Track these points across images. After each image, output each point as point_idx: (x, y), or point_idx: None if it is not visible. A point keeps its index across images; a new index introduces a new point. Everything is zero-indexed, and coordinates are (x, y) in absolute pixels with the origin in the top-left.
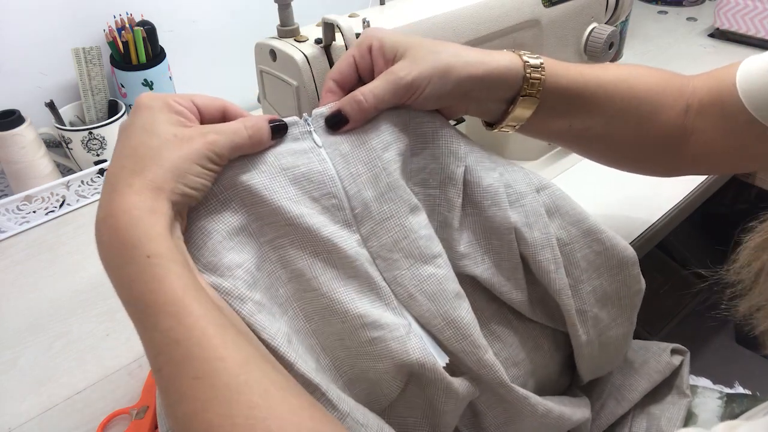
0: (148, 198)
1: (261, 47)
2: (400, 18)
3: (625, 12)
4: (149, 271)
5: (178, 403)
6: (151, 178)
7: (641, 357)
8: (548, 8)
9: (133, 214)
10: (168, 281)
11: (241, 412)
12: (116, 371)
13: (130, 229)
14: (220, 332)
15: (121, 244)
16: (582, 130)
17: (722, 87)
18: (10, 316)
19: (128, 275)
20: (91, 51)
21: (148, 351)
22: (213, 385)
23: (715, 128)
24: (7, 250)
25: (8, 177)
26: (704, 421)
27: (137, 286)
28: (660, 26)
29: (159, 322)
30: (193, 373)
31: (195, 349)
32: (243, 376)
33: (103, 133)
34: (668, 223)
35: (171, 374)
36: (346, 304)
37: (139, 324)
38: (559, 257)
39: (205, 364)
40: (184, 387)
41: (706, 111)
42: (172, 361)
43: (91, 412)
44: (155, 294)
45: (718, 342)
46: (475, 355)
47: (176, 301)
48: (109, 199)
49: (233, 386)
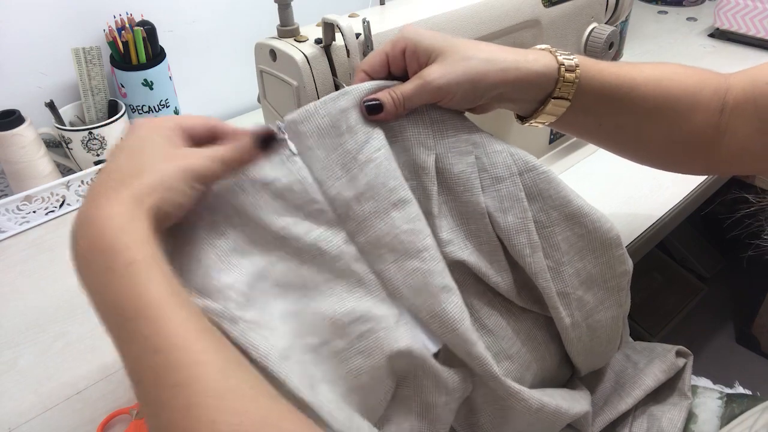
0: (129, 208)
1: (261, 47)
2: (400, 18)
3: (625, 12)
4: (129, 279)
5: (160, 412)
6: (132, 190)
7: (646, 357)
8: (548, 8)
9: (114, 221)
10: (148, 288)
11: (224, 419)
12: (116, 371)
13: (111, 236)
14: (201, 337)
15: (99, 251)
16: (613, 128)
17: (756, 86)
18: (10, 316)
19: (106, 283)
20: (91, 51)
21: (126, 364)
22: (195, 391)
23: (750, 127)
24: (7, 250)
25: (8, 177)
26: (704, 421)
27: (115, 295)
28: (660, 26)
29: (138, 329)
30: (173, 380)
31: (174, 354)
32: (224, 381)
33: (103, 133)
34: (668, 223)
35: (150, 383)
36: (334, 305)
37: (117, 335)
38: (536, 241)
39: (185, 371)
40: (165, 395)
41: (741, 110)
42: (151, 370)
43: (91, 412)
44: (134, 301)
45: (718, 342)
46: (463, 348)
47: (156, 307)
48: (87, 209)
49: (214, 392)
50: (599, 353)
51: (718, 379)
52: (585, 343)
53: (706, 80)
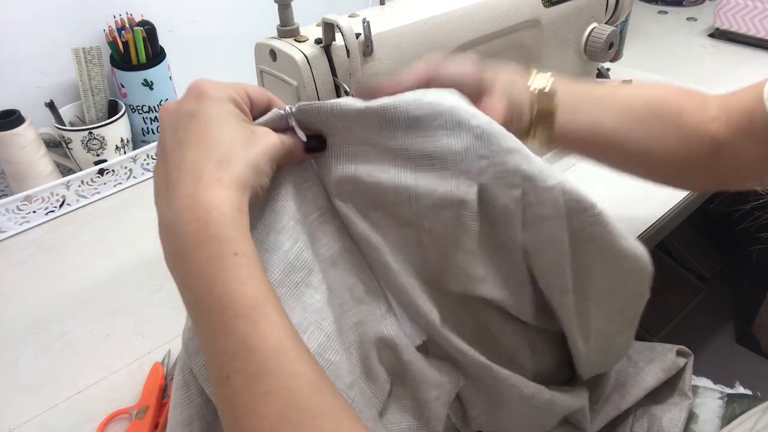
0: (236, 195)
1: (261, 47)
2: (400, 18)
3: (625, 12)
4: (234, 272)
5: (246, 417)
6: (238, 174)
7: (647, 356)
8: (548, 8)
9: (224, 210)
10: (250, 285)
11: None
12: (116, 371)
13: (222, 224)
14: (296, 346)
15: (208, 238)
16: (609, 140)
17: (750, 101)
18: (10, 316)
19: (209, 272)
20: (91, 51)
21: (215, 356)
22: (285, 404)
23: (747, 140)
24: (7, 250)
25: (8, 177)
26: (705, 421)
27: (217, 285)
28: (660, 26)
29: (236, 326)
30: (265, 387)
31: (270, 361)
32: (316, 397)
33: (103, 133)
34: (668, 223)
35: (241, 386)
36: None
37: (207, 324)
38: (568, 286)
39: (279, 380)
40: (254, 402)
41: (736, 123)
42: (244, 371)
43: (91, 412)
44: (236, 297)
45: (718, 342)
46: (449, 341)
47: (257, 307)
48: (195, 188)
49: (306, 408)
50: (607, 365)
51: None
52: (595, 362)
53: (687, 90)
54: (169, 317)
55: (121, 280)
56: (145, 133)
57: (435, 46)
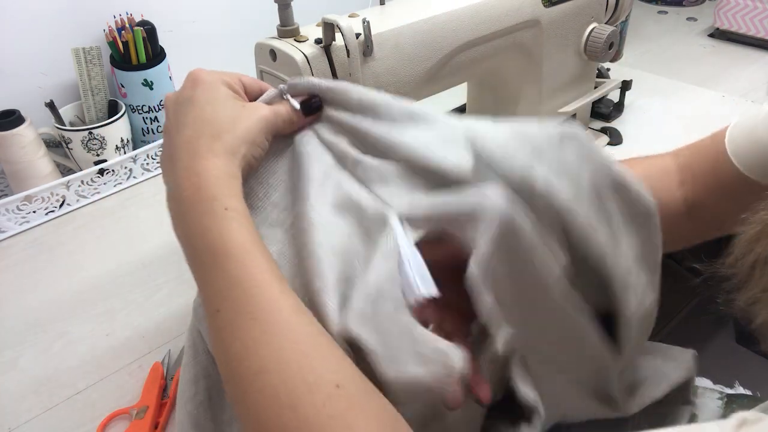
0: (227, 162)
1: (261, 47)
2: (400, 18)
3: (625, 12)
4: (224, 223)
5: (231, 341)
6: (228, 143)
7: (662, 356)
8: (548, 8)
9: (217, 173)
10: (239, 233)
11: (291, 355)
12: (116, 371)
13: (213, 185)
14: (278, 282)
15: (201, 198)
16: None
17: (712, 158)
18: (10, 316)
19: (203, 224)
20: (91, 51)
21: (207, 293)
22: (268, 326)
23: (717, 196)
24: (7, 250)
25: (8, 177)
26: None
27: (210, 234)
28: (660, 26)
29: (225, 265)
30: (250, 313)
31: (255, 290)
32: (295, 321)
33: (103, 133)
34: None
35: (228, 313)
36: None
37: (202, 269)
38: (596, 213)
39: (263, 305)
40: (240, 327)
41: (703, 182)
42: (231, 299)
43: (91, 412)
44: (226, 242)
45: (718, 342)
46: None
47: (244, 251)
48: (191, 160)
49: (286, 330)
50: (638, 346)
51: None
52: (636, 334)
53: (646, 164)
54: (169, 317)
55: (121, 280)
56: (145, 133)
57: (435, 46)
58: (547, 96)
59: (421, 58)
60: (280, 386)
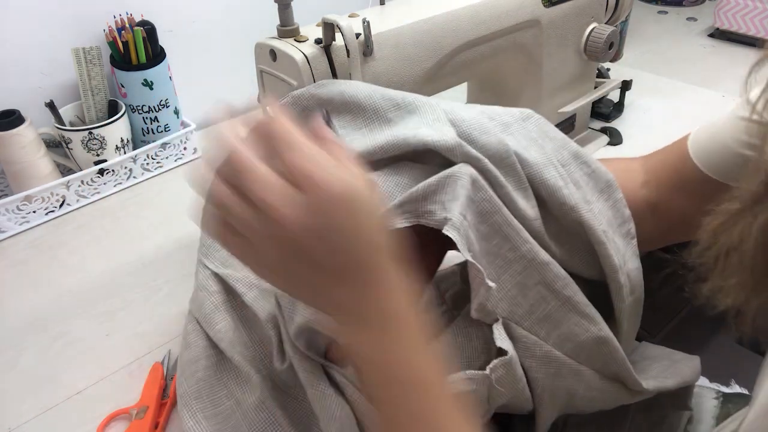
0: (396, 275)
1: (261, 47)
2: (400, 18)
3: (625, 12)
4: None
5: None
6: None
7: (669, 357)
8: (548, 8)
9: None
10: (427, 360)
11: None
12: (116, 371)
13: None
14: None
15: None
16: None
17: (676, 159)
18: (10, 316)
19: (381, 347)
20: (91, 51)
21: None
22: None
23: (680, 196)
24: (7, 250)
25: (8, 177)
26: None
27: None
28: (660, 26)
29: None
30: None
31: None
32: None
33: (103, 133)
34: None
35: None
36: None
37: (387, 395)
38: (564, 174)
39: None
40: None
41: (666, 182)
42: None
43: (91, 412)
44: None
45: (717, 342)
46: None
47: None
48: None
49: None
50: (635, 321)
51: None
52: (629, 304)
53: (609, 166)
54: (169, 317)
55: (121, 280)
56: (145, 133)
57: (435, 46)
58: (547, 96)
59: (421, 58)
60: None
